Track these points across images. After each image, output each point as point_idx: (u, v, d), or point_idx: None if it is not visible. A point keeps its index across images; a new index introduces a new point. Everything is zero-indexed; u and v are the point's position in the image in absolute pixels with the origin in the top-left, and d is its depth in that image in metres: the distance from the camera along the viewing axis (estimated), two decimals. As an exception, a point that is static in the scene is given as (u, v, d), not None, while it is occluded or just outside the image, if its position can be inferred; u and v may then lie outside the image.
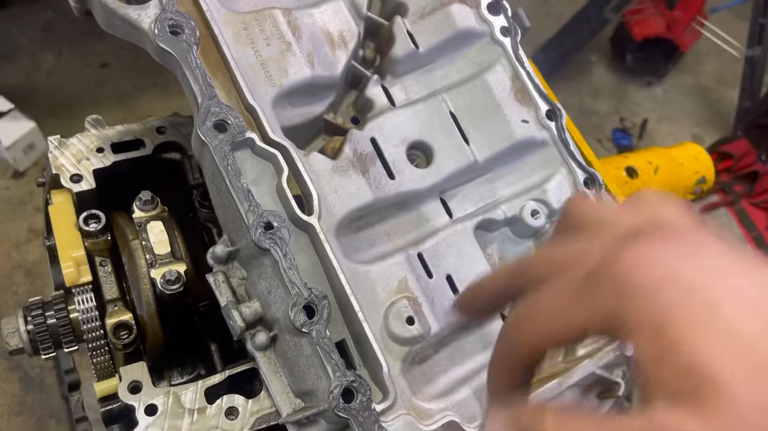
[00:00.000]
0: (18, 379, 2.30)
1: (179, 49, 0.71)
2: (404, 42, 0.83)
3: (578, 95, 3.14)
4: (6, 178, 2.65)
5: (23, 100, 2.71)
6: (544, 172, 0.84)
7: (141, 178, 0.88)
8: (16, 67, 2.84)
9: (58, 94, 2.80)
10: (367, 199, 0.74)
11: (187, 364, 0.90)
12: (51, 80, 2.84)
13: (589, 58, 3.24)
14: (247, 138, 0.70)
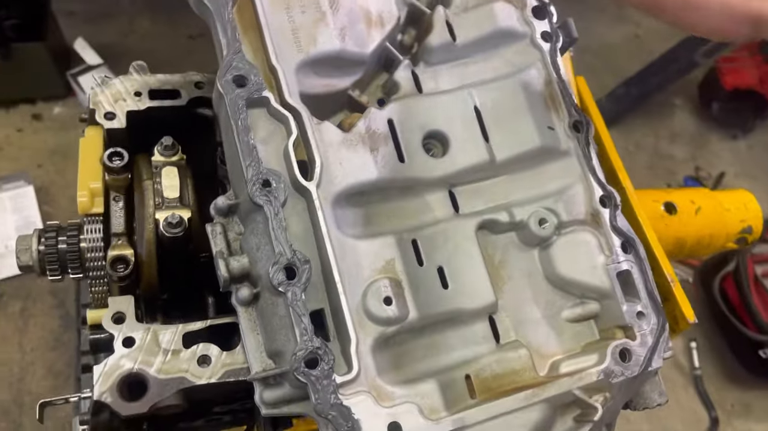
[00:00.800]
0: (59, 317, 2.42)
1: (216, 2, 0.73)
2: (441, 32, 0.83)
3: (655, 136, 3.04)
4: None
5: (114, 59, 2.85)
6: (562, 182, 0.82)
7: (173, 127, 0.91)
8: (113, 28, 3.00)
9: (147, 58, 2.87)
10: (371, 176, 0.74)
11: (184, 316, 0.92)
12: (143, 44, 2.98)
13: (673, 101, 3.13)
14: (263, 97, 0.72)
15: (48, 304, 2.43)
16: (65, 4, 3.02)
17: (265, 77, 0.74)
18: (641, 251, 0.79)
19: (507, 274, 0.80)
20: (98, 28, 2.97)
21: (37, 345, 2.34)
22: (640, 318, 0.77)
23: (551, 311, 0.80)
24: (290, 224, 0.70)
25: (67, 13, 3.01)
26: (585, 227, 0.80)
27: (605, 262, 0.78)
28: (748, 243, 1.18)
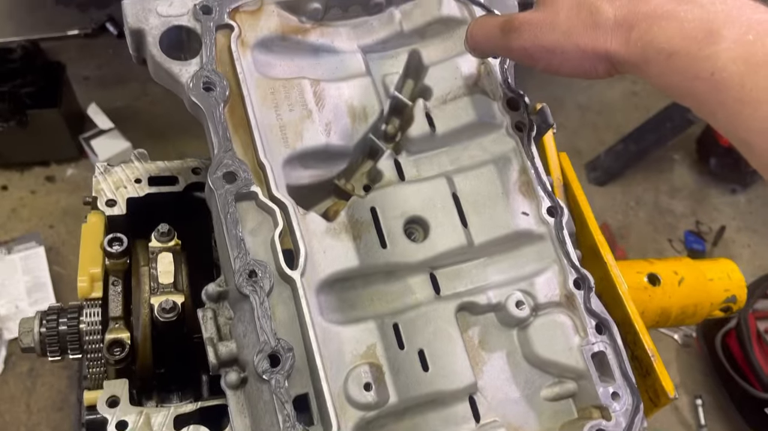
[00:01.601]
0: (66, 377, 2.45)
1: (208, 104, 0.79)
2: (421, 124, 0.88)
3: (655, 191, 3.08)
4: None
5: (125, 122, 2.95)
6: (537, 265, 0.85)
7: (171, 211, 0.96)
8: (125, 92, 3.11)
9: (157, 121, 3.03)
10: (353, 263, 0.78)
11: (180, 390, 0.95)
12: (154, 108, 3.08)
13: (672, 156, 3.18)
14: (251, 191, 0.77)
15: (56, 364, 2.46)
16: (80, 70, 3.15)
17: (254, 172, 0.79)
18: (615, 332, 0.82)
19: (486, 354, 0.83)
20: (111, 93, 3.09)
21: (44, 405, 2.36)
22: (614, 399, 0.80)
23: (530, 391, 0.83)
24: (276, 312, 0.74)
25: (82, 78, 3.13)
26: (560, 309, 0.83)
27: (580, 343, 0.81)
28: (732, 312, 1.20)
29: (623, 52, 0.64)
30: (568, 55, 0.68)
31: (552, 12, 0.69)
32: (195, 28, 0.83)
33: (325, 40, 0.90)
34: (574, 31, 0.67)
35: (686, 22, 0.59)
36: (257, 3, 0.86)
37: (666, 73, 0.61)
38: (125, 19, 0.82)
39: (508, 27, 0.73)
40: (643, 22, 0.62)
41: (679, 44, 0.59)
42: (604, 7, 0.65)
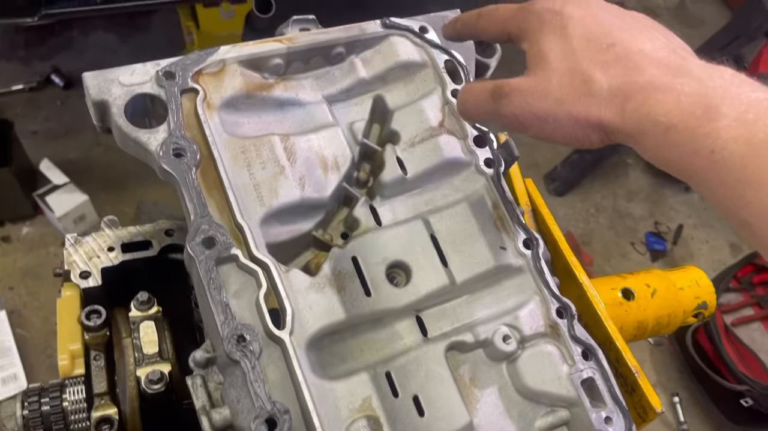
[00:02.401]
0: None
1: (179, 170, 0.79)
2: (393, 168, 0.89)
3: (613, 197, 3.16)
4: (55, 245, 2.81)
5: (80, 174, 2.90)
6: (519, 298, 0.87)
7: (147, 275, 0.95)
8: (77, 143, 3.06)
9: (113, 170, 2.99)
10: (340, 317, 0.79)
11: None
12: (108, 156, 3.04)
13: (626, 161, 3.27)
14: (231, 254, 0.77)
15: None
16: (28, 125, 3.08)
17: (232, 233, 0.78)
18: (601, 357, 0.84)
19: (479, 391, 0.84)
20: (62, 145, 3.03)
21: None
22: (608, 423, 0.81)
23: (524, 423, 0.83)
24: (268, 373, 0.74)
25: (31, 133, 3.07)
26: (546, 340, 0.85)
27: (569, 371, 0.83)
28: (705, 318, 1.24)
29: (618, 122, 0.61)
30: (561, 124, 0.65)
31: (544, 78, 0.66)
32: (159, 95, 0.82)
33: (290, 94, 0.91)
34: (567, 100, 0.64)
35: (684, 96, 0.58)
36: (219, 64, 0.86)
37: (663, 148, 0.59)
38: (87, 92, 0.81)
39: (498, 93, 0.70)
40: (639, 93, 0.60)
41: (677, 119, 0.57)
42: (597, 76, 0.63)
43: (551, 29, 0.67)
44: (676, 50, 0.63)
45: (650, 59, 0.62)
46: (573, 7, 0.68)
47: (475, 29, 0.81)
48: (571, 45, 0.65)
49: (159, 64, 0.84)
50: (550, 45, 0.67)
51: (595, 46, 0.64)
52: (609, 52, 0.63)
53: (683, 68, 0.60)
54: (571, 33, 0.66)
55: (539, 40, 0.68)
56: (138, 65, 0.83)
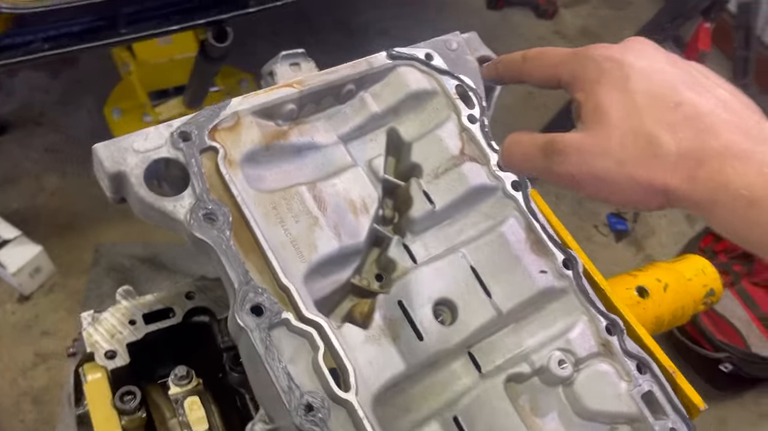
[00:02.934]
0: None
1: (214, 237, 0.74)
2: (421, 203, 0.87)
3: (571, 183, 3.22)
4: (12, 302, 2.66)
5: (28, 223, 2.75)
6: (567, 320, 0.86)
7: (172, 343, 0.90)
8: (20, 191, 2.90)
9: (64, 215, 2.85)
10: (400, 368, 0.76)
11: None
12: (56, 201, 2.89)
13: (577, 146, 3.34)
14: (282, 319, 0.73)
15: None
16: (-35, 178, 2.90)
17: (278, 296, 0.75)
18: (655, 368, 0.85)
19: (540, 420, 0.83)
20: (4, 195, 2.87)
21: None
22: (673, 435, 0.82)
23: (589, 445, 0.83)
24: (338, 439, 0.71)
25: (-32, 188, 2.89)
26: (600, 359, 0.85)
27: (627, 388, 0.83)
28: (714, 303, 1.27)
29: (686, 189, 0.56)
30: (621, 186, 0.60)
31: (603, 137, 0.60)
32: (177, 158, 0.78)
33: (306, 138, 0.88)
34: (630, 161, 0.59)
35: (766, 167, 0.53)
36: (234, 118, 0.82)
37: (740, 222, 0.54)
38: (100, 165, 0.76)
39: (551, 150, 0.64)
40: (715, 159, 0.55)
41: (761, 193, 0.52)
42: (664, 138, 0.57)
43: (611, 81, 0.61)
44: (750, 113, 0.58)
45: (724, 122, 0.56)
46: (635, 58, 0.62)
47: (519, 73, 0.75)
48: (635, 101, 0.60)
49: (171, 125, 0.79)
50: (610, 99, 0.61)
51: (661, 105, 0.59)
52: (677, 111, 0.58)
53: (762, 135, 0.56)
54: (634, 87, 0.60)
55: (597, 92, 0.62)
56: (149, 129, 0.78)
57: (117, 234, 2.84)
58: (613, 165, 0.60)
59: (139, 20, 1.65)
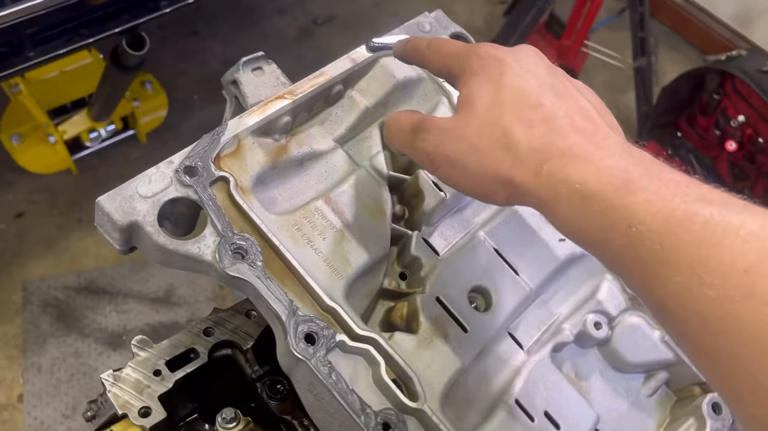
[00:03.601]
0: None
1: (249, 273, 0.70)
2: (433, 194, 0.86)
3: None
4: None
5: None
6: (592, 282, 0.89)
7: (200, 381, 0.86)
8: None
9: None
10: (458, 364, 0.76)
11: None
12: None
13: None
14: (338, 342, 0.71)
15: None
16: None
17: (325, 319, 0.72)
18: (680, 311, 0.88)
19: (586, 383, 0.85)
20: None
21: None
22: (708, 370, 0.86)
23: (633, 396, 0.87)
24: (417, 450, 0.70)
25: None
26: (630, 312, 0.88)
27: (661, 335, 0.86)
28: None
29: (530, 183, 0.58)
30: (469, 171, 0.62)
31: (463, 123, 0.63)
32: (188, 196, 0.72)
33: (304, 148, 0.84)
34: (482, 149, 0.61)
35: (603, 167, 0.55)
36: (234, 142, 0.77)
37: (577, 217, 0.55)
38: (109, 219, 0.70)
39: (418, 127, 0.67)
40: (557, 158, 0.57)
41: (594, 188, 0.54)
42: (517, 132, 0.59)
43: (487, 75, 0.63)
44: (604, 126, 0.60)
45: (576, 128, 0.58)
46: (515, 60, 0.64)
47: (422, 57, 0.75)
48: (501, 95, 0.61)
49: (172, 162, 0.74)
50: (481, 91, 0.63)
51: (524, 102, 0.60)
52: (536, 111, 0.60)
53: (606, 141, 0.57)
54: (505, 83, 0.62)
55: (473, 83, 0.64)
56: (150, 170, 0.73)
57: (44, 268, 2.66)
58: (466, 150, 0.61)
59: (47, 40, 1.51)
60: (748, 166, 2.78)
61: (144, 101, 2.81)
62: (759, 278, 0.45)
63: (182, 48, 3.26)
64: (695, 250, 0.48)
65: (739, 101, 2.66)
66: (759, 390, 0.45)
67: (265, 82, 0.95)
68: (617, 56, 3.32)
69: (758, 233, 0.47)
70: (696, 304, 0.48)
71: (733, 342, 0.46)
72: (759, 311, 0.45)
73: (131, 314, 2.58)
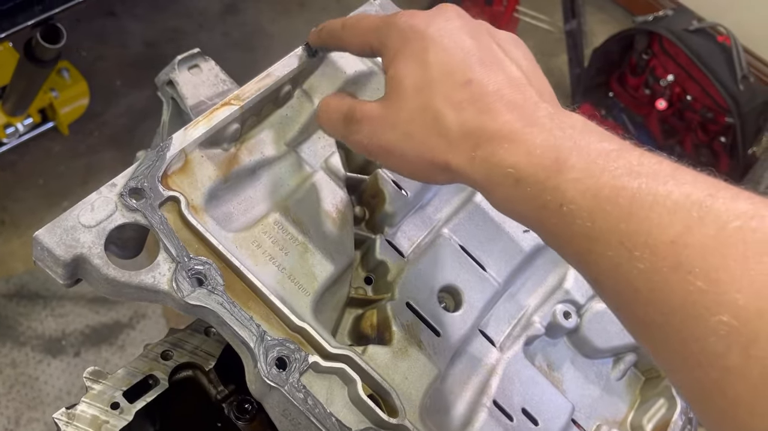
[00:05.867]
0: None
1: (210, 299, 0.66)
2: (394, 194, 0.83)
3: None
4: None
5: None
6: (558, 271, 0.88)
7: (163, 409, 0.81)
8: None
9: None
10: (435, 372, 0.74)
11: None
12: None
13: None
14: (311, 364, 0.67)
15: None
16: None
17: (295, 340, 0.68)
18: (644, 293, 0.89)
19: (558, 373, 0.85)
20: None
21: None
22: (674, 349, 0.87)
23: (603, 381, 0.87)
24: (398, 465, 0.68)
25: None
26: (597, 299, 0.87)
27: (628, 320, 0.87)
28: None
29: (467, 169, 0.57)
30: (407, 158, 0.61)
31: (394, 109, 0.61)
32: (136, 221, 0.67)
33: (255, 155, 0.79)
34: (415, 136, 0.60)
35: (533, 147, 0.54)
36: (181, 157, 0.72)
37: (512, 200, 0.56)
38: (50, 254, 0.63)
39: (350, 118, 0.65)
40: (488, 142, 0.56)
41: (525, 170, 0.54)
42: (449, 116, 0.58)
43: (411, 52, 0.61)
44: (533, 90, 0.59)
45: (506, 103, 0.57)
46: (436, 28, 0.61)
47: (339, 40, 0.73)
48: (429, 75, 0.60)
49: (115, 185, 0.68)
50: (406, 70, 0.61)
51: (452, 81, 0.59)
52: (465, 90, 0.58)
53: (536, 115, 0.56)
54: (431, 60, 0.60)
55: (398, 62, 0.62)
56: (91, 196, 0.66)
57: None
58: (401, 138, 0.61)
59: (-52, 36, 1.38)
60: (677, 123, 2.86)
61: (62, 91, 2.64)
62: (684, 248, 0.46)
63: (99, 30, 3.07)
64: (624, 225, 0.49)
65: (668, 61, 2.72)
66: (689, 356, 0.46)
67: (204, 80, 0.89)
68: (548, 20, 3.34)
69: (683, 204, 0.47)
70: (627, 277, 0.49)
71: (663, 311, 0.47)
72: (685, 281, 0.46)
73: (69, 317, 2.46)
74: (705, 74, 2.58)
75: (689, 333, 0.46)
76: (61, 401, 2.30)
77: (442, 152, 0.58)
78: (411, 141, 0.60)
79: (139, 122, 2.86)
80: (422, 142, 0.59)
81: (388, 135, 0.62)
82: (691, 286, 0.45)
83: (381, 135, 0.62)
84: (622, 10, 3.66)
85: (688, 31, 2.57)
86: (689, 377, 0.47)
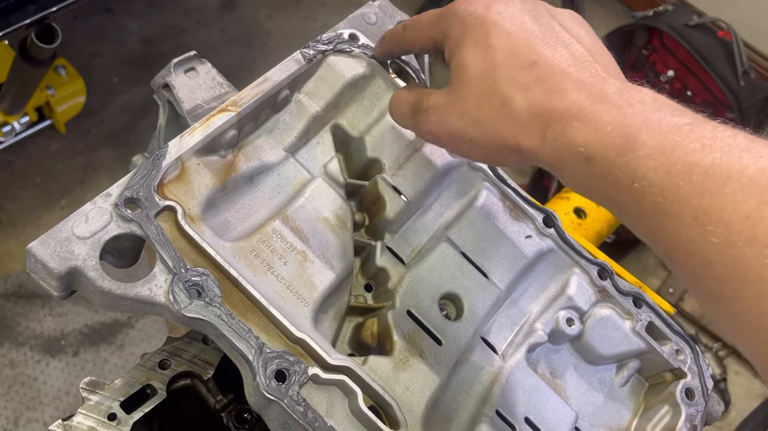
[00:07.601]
0: None
1: (208, 312, 0.64)
2: (395, 200, 0.81)
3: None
4: None
5: None
6: (561, 277, 0.87)
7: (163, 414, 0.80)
8: None
9: None
10: (437, 382, 0.73)
11: None
12: None
13: (425, 61, 3.35)
14: (311, 376, 0.66)
15: None
16: None
17: (295, 352, 0.67)
18: (648, 298, 0.88)
19: (561, 381, 0.84)
20: None
21: None
22: (679, 355, 0.86)
23: (607, 388, 0.86)
24: (400, 477, 0.67)
25: None
26: (600, 305, 0.86)
27: (632, 325, 0.86)
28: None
29: (537, 149, 0.58)
30: (477, 144, 0.62)
31: (461, 97, 0.62)
32: (132, 232, 0.65)
33: (253, 162, 0.78)
34: (484, 121, 0.61)
35: (602, 125, 0.54)
36: (177, 165, 0.70)
37: (584, 178, 0.56)
38: (44, 266, 0.62)
39: (418, 108, 0.67)
40: (558, 121, 0.56)
41: (595, 149, 0.54)
42: (516, 99, 0.59)
43: (473, 38, 0.62)
44: (599, 69, 0.59)
45: (573, 82, 0.57)
46: (496, 12, 0.62)
47: (403, 42, 0.75)
48: (493, 59, 0.60)
49: (110, 195, 0.66)
50: (471, 57, 0.62)
51: (517, 64, 0.59)
52: (530, 71, 0.59)
53: (603, 92, 0.56)
54: (494, 44, 0.60)
55: (461, 49, 0.62)
56: (86, 206, 0.65)
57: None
58: (469, 125, 0.62)
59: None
60: (677, 119, 2.84)
61: (59, 88, 2.62)
62: (760, 222, 0.46)
63: (96, 27, 3.05)
64: (697, 200, 0.49)
65: (668, 56, 2.70)
66: (763, 328, 0.46)
67: (200, 84, 0.88)
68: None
69: (759, 179, 0.47)
70: (700, 252, 0.49)
71: (737, 285, 0.47)
72: (761, 254, 0.46)
73: (68, 316, 2.45)
74: (705, 70, 2.56)
75: (764, 306, 0.46)
76: (60, 401, 2.29)
77: (512, 135, 0.59)
78: (480, 126, 0.61)
79: (136, 120, 2.84)
80: (491, 126, 0.60)
81: (456, 122, 0.63)
82: (767, 259, 0.45)
83: (449, 123, 0.64)
84: (621, 5, 3.63)
85: (689, 27, 2.55)
86: (765, 349, 0.47)
